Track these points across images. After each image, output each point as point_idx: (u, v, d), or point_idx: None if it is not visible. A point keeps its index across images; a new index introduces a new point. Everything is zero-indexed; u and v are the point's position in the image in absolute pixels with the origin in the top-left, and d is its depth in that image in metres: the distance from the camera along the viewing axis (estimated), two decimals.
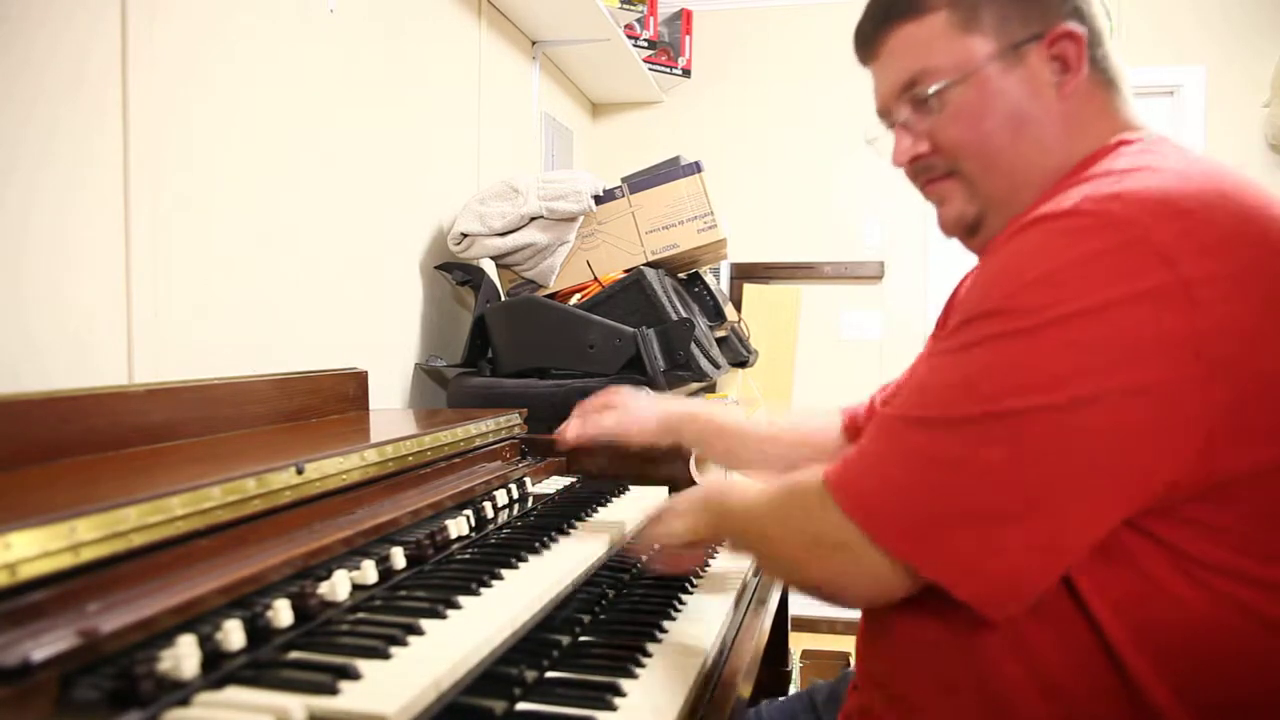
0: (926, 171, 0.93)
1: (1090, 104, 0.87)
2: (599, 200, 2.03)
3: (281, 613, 0.77)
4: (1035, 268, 0.71)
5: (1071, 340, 0.69)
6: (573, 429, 1.30)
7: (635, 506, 1.35)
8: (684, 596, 1.16)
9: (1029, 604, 0.74)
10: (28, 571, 0.64)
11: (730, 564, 1.32)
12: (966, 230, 0.93)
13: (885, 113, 0.95)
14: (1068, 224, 0.72)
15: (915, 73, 0.89)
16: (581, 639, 1.03)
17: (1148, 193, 0.72)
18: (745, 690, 1.03)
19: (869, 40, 0.94)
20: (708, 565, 1.28)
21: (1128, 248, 0.69)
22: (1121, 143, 0.85)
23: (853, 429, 1.24)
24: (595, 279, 2.03)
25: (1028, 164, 0.87)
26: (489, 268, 2.11)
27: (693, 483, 1.57)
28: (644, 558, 1.18)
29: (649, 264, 2.01)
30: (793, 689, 1.55)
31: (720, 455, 1.31)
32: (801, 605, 3.42)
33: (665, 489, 1.53)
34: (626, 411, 1.27)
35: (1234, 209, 0.71)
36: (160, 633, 0.68)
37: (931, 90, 0.88)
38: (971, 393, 0.72)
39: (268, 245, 1.52)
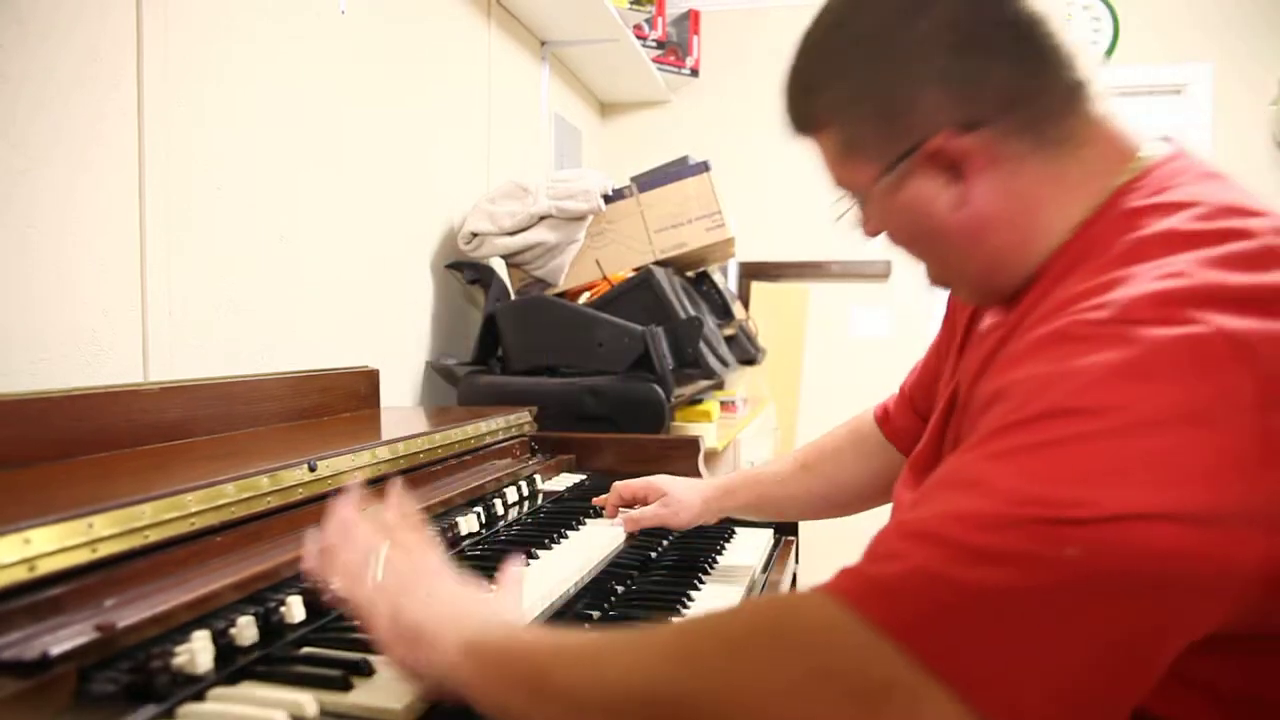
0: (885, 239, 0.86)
1: (1043, 183, 0.75)
2: (608, 200, 2.04)
3: (294, 608, 0.78)
4: (1111, 358, 0.60)
5: (1166, 446, 0.58)
6: (627, 524, 1.27)
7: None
8: (693, 593, 1.16)
9: None
10: (46, 567, 0.65)
11: (738, 559, 1.32)
12: (945, 288, 0.89)
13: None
14: (1124, 326, 0.61)
15: (836, 179, 0.85)
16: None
17: (1206, 283, 0.61)
18: None
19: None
20: (716, 561, 1.29)
21: (1220, 337, 0.59)
22: (1120, 194, 0.74)
23: (891, 422, 1.21)
24: (604, 278, 2.03)
25: (959, 264, 0.81)
26: (499, 266, 2.12)
27: (700, 478, 1.58)
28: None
29: (657, 263, 2.02)
30: None
31: (771, 515, 1.32)
32: None
33: None
34: (668, 502, 1.25)
35: None
36: (175, 628, 0.69)
37: (847, 206, 0.85)
38: (1053, 494, 0.58)
39: (281, 244, 1.53)
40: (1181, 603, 0.58)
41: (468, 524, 1.12)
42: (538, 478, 1.42)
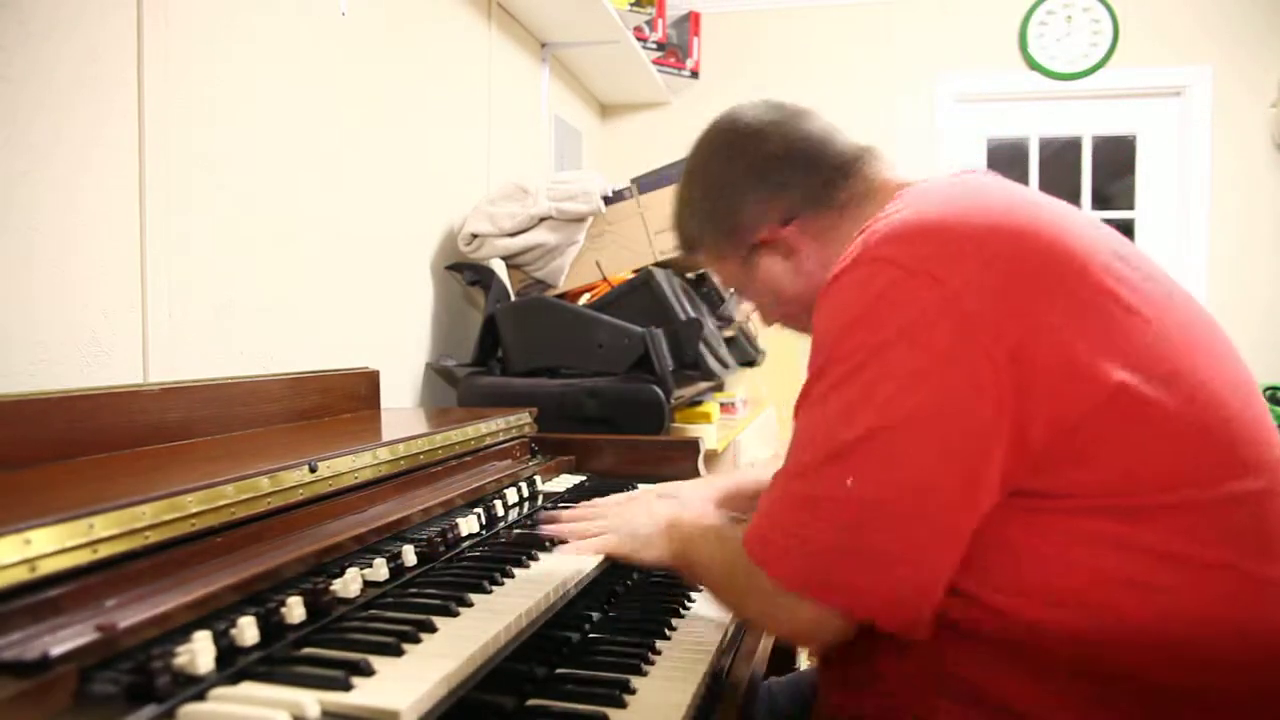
0: (764, 316, 1.16)
1: (837, 232, 1.02)
2: (608, 201, 2.04)
3: (295, 609, 0.78)
4: (842, 318, 0.84)
5: (884, 370, 0.80)
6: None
7: None
8: (692, 594, 1.16)
9: (932, 616, 0.81)
10: (47, 567, 0.65)
11: None
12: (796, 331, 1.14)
13: None
14: (854, 275, 0.85)
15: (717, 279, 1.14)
16: (592, 635, 1.04)
17: (905, 230, 0.84)
18: (755, 684, 1.04)
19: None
20: None
21: (903, 280, 0.81)
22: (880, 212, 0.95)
23: None
24: (604, 279, 2.03)
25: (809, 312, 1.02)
26: (499, 268, 2.12)
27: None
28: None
29: (658, 264, 2.02)
30: None
31: None
32: None
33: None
34: (685, 505, 1.24)
35: (975, 220, 0.84)
36: (176, 628, 0.69)
37: (730, 293, 1.20)
38: (825, 436, 0.83)
39: (281, 245, 1.53)
40: (960, 470, 0.78)
41: (468, 525, 1.12)
42: (538, 479, 1.42)
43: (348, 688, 0.68)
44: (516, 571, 1.01)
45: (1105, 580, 0.78)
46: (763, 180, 1.05)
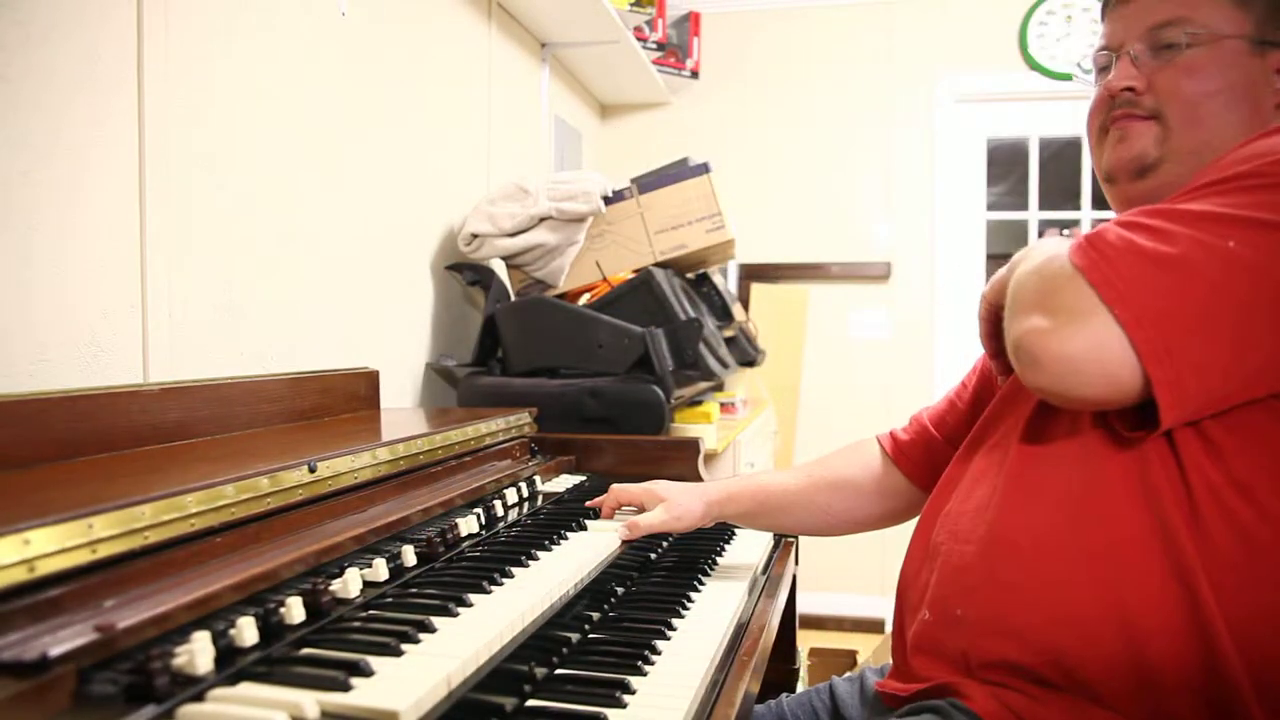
0: (1128, 105, 1.00)
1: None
2: (608, 201, 2.04)
3: (294, 609, 0.78)
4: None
5: None
6: (621, 533, 1.22)
7: None
8: (692, 594, 1.16)
9: (1188, 417, 0.82)
10: (46, 567, 0.64)
11: (739, 558, 1.32)
12: (1137, 172, 1.00)
13: (1116, 46, 1.02)
14: None
15: (1173, 17, 0.97)
16: (591, 636, 1.04)
17: None
18: (754, 687, 1.04)
19: None
20: (716, 563, 1.29)
21: None
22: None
23: (902, 453, 1.26)
24: (604, 279, 2.03)
25: (1222, 137, 0.94)
26: (499, 268, 2.12)
27: (700, 479, 1.58)
28: None
29: (658, 264, 2.02)
30: (800, 687, 1.56)
31: (767, 524, 1.33)
32: (810, 603, 3.43)
33: None
34: (671, 508, 1.23)
35: None
36: (175, 629, 0.69)
37: (1181, 37, 0.96)
38: (1225, 206, 0.81)
39: (281, 245, 1.53)
40: None
41: (467, 525, 1.12)
42: (537, 479, 1.42)
43: (347, 688, 0.68)
44: (516, 571, 1.01)
45: None
46: None
